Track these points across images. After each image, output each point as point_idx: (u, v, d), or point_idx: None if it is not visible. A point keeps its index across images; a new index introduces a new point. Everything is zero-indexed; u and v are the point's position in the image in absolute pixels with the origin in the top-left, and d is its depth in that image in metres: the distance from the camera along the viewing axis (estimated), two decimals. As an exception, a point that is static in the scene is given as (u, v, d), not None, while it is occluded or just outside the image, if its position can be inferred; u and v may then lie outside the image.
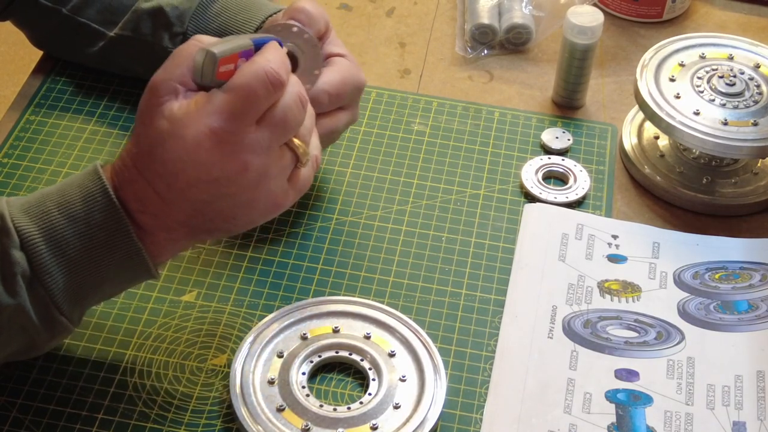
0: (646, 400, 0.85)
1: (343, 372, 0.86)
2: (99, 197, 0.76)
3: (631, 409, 0.84)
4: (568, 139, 1.04)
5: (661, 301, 0.92)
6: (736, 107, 0.99)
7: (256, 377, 0.83)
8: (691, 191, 1.00)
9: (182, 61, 0.77)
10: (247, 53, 0.77)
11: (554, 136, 1.05)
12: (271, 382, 0.83)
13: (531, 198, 1.00)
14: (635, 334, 0.89)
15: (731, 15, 1.22)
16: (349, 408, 0.82)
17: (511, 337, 0.88)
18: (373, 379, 0.84)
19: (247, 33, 0.96)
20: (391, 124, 1.06)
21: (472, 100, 1.10)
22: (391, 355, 0.85)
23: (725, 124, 0.97)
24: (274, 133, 0.77)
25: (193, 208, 0.77)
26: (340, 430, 0.81)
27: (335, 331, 0.87)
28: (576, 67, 1.06)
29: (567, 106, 1.09)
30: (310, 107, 0.81)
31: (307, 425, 0.81)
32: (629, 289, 0.92)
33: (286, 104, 0.77)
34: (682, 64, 1.02)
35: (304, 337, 0.86)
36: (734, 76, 1.00)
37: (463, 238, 0.96)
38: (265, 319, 0.87)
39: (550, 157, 1.03)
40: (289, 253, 0.94)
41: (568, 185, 1.01)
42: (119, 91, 1.07)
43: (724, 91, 0.99)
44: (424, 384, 0.83)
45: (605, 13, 1.13)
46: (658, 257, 0.95)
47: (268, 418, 0.81)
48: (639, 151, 1.04)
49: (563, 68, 1.07)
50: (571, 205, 0.99)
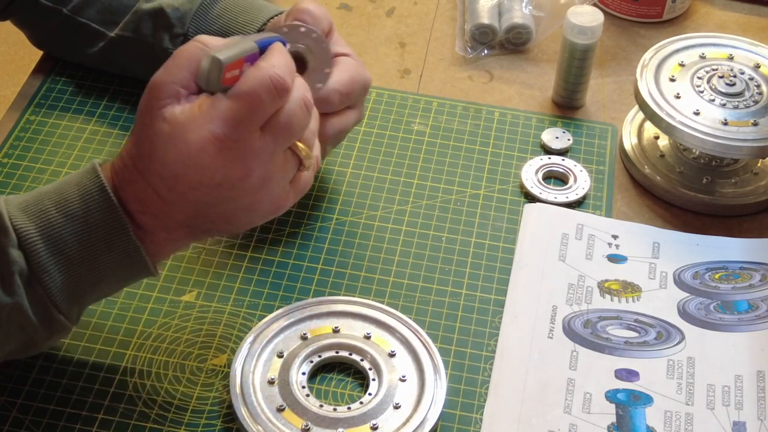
0: (646, 400, 0.85)
1: (343, 372, 0.86)
2: (97, 195, 0.76)
3: (631, 409, 0.84)
4: (568, 139, 1.04)
5: (661, 301, 0.92)
6: (736, 107, 0.99)
7: (256, 377, 0.83)
8: (691, 191, 1.00)
9: (184, 63, 0.76)
10: (252, 57, 0.76)
11: (554, 136, 1.05)
12: (271, 382, 0.83)
13: (531, 198, 1.00)
14: (635, 334, 0.89)
15: (731, 15, 1.22)
16: (349, 408, 0.82)
17: (511, 337, 0.88)
18: (373, 379, 0.84)
19: (248, 33, 0.96)
20: (391, 124, 1.06)
21: (472, 100, 1.09)
22: (391, 355, 0.85)
23: (725, 124, 0.97)
24: (279, 139, 0.77)
25: (194, 209, 0.77)
26: (340, 430, 0.81)
27: (335, 331, 0.87)
28: (576, 67, 1.06)
29: (567, 106, 1.09)
30: (314, 109, 0.81)
31: (307, 425, 0.81)
32: (629, 289, 0.92)
33: (290, 110, 0.76)
34: (682, 64, 1.02)
35: (304, 337, 0.86)
36: (734, 76, 1.00)
37: (463, 238, 0.96)
38: (265, 319, 0.87)
39: (550, 157, 1.03)
40: (289, 253, 0.94)
41: (568, 185, 1.01)
42: (119, 91, 1.07)
43: (724, 91, 0.99)
44: (424, 384, 0.83)
45: (605, 13, 1.13)
46: (658, 257, 0.95)
47: (268, 418, 0.81)
48: (639, 151, 1.04)
49: (563, 68, 1.07)
50: (571, 205, 0.99)
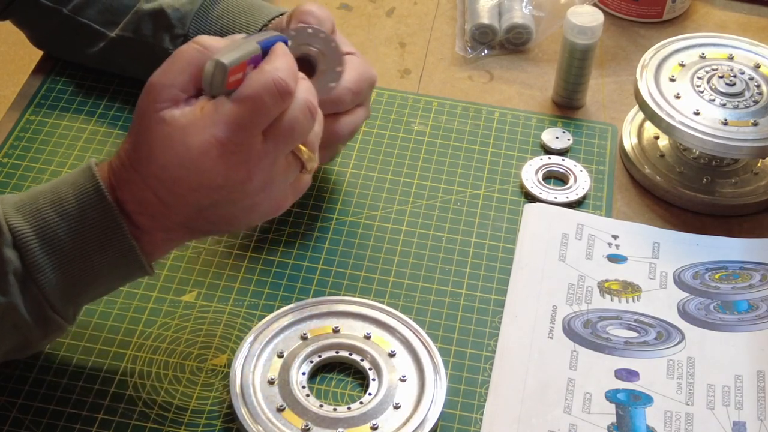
0: (646, 400, 0.85)
1: (343, 372, 0.86)
2: (92, 195, 0.76)
3: (631, 409, 0.84)
4: (568, 139, 1.04)
5: (661, 301, 0.92)
6: (736, 107, 0.99)
7: (256, 377, 0.83)
8: (691, 191, 1.00)
9: (183, 66, 0.75)
10: (254, 59, 0.76)
11: (554, 136, 1.05)
12: (271, 382, 0.83)
13: (531, 198, 1.00)
14: (635, 334, 0.89)
15: (731, 15, 1.22)
16: (349, 408, 0.82)
17: (511, 337, 0.88)
18: (373, 379, 0.84)
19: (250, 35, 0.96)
20: (391, 124, 1.06)
21: (472, 100, 1.09)
22: (391, 355, 0.85)
23: (725, 124, 0.97)
24: (280, 144, 0.76)
25: (194, 211, 0.77)
26: (340, 430, 0.81)
27: (335, 331, 0.87)
28: (576, 67, 1.06)
29: (567, 106, 1.09)
30: (320, 113, 0.80)
31: (307, 425, 0.81)
32: (629, 289, 0.92)
33: (293, 115, 0.76)
34: (682, 64, 1.02)
35: (304, 337, 0.86)
36: (734, 76, 1.00)
37: (463, 238, 0.96)
38: (265, 319, 0.87)
39: (550, 157, 1.03)
40: (289, 253, 0.94)
41: (568, 185, 1.01)
42: (119, 91, 1.07)
43: (724, 91, 0.99)
44: (424, 384, 0.83)
45: (605, 13, 1.13)
46: (658, 257, 0.95)
47: (268, 418, 0.81)
48: (639, 151, 1.04)
49: (563, 68, 1.07)
50: (571, 205, 0.99)
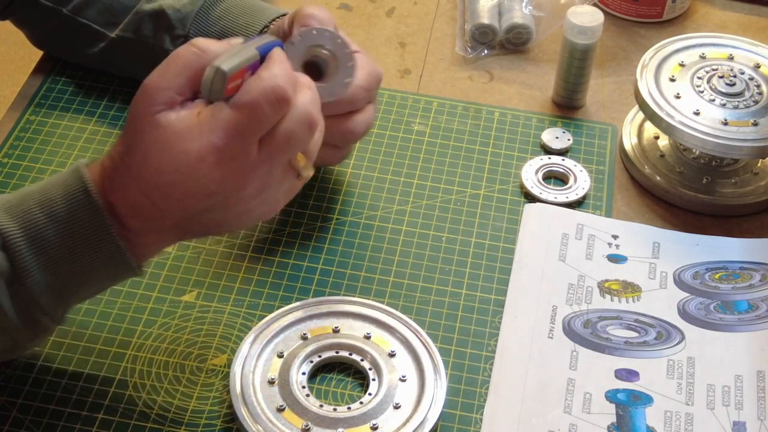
0: (646, 400, 0.85)
1: (343, 372, 0.86)
2: (81, 197, 0.75)
3: (631, 409, 0.84)
4: (568, 139, 1.04)
5: (661, 301, 0.92)
6: (736, 107, 0.99)
7: (256, 377, 0.83)
8: (691, 191, 1.00)
9: (180, 69, 0.75)
10: (253, 65, 0.76)
11: (554, 136, 1.05)
12: (271, 382, 0.83)
13: (531, 198, 1.00)
14: (635, 334, 0.89)
15: (731, 15, 1.22)
16: (349, 408, 0.82)
17: (511, 337, 0.88)
18: (373, 379, 0.84)
19: (249, 35, 0.96)
20: (391, 124, 1.06)
21: (472, 100, 1.09)
22: (391, 355, 0.85)
23: (725, 124, 0.97)
24: (277, 154, 0.76)
25: (187, 215, 0.76)
26: (340, 430, 0.81)
27: (335, 331, 0.87)
28: (576, 67, 1.06)
29: (567, 106, 1.09)
30: (321, 122, 0.79)
31: (307, 425, 0.81)
32: (629, 289, 0.92)
33: (291, 127, 0.75)
34: (682, 64, 1.02)
35: (304, 337, 0.86)
36: (734, 76, 1.00)
37: (463, 238, 0.96)
38: (265, 319, 0.87)
39: (550, 157, 1.03)
40: (289, 253, 0.94)
41: (568, 185, 1.01)
42: (119, 91, 1.07)
43: (724, 91, 0.99)
44: (424, 384, 0.83)
45: (605, 13, 1.13)
46: (658, 257, 0.95)
47: (268, 418, 0.81)
48: (639, 151, 1.04)
49: (563, 68, 1.07)
50: (571, 205, 0.99)
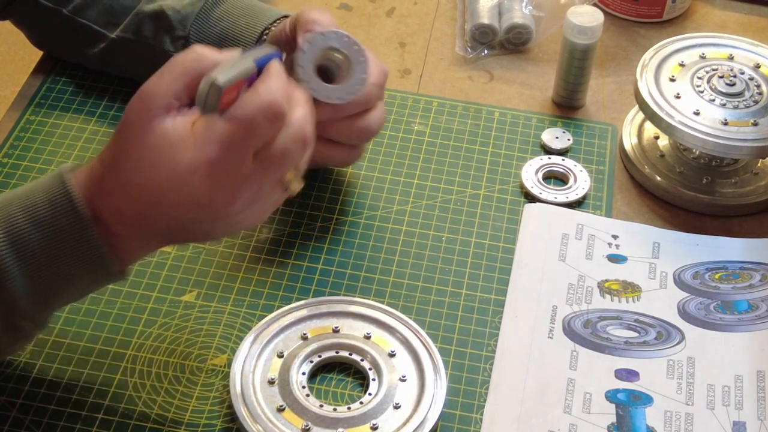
0: (646, 400, 0.85)
1: (343, 372, 0.86)
2: (65, 203, 0.74)
3: (631, 409, 0.84)
4: (568, 139, 1.04)
5: (661, 301, 0.92)
6: (736, 107, 0.99)
7: (256, 377, 0.83)
8: (691, 191, 1.00)
9: (178, 75, 0.74)
10: (250, 78, 0.76)
11: (554, 136, 1.05)
12: (271, 382, 0.83)
13: (531, 198, 1.00)
14: (635, 334, 0.89)
15: (731, 15, 1.22)
16: (349, 408, 0.82)
17: (511, 337, 0.88)
18: (373, 379, 0.84)
19: (250, 37, 0.95)
20: (391, 124, 1.06)
21: (472, 100, 1.09)
22: (391, 355, 0.85)
23: (725, 124, 0.97)
24: (269, 170, 0.76)
25: (174, 224, 0.76)
26: (340, 430, 0.81)
27: (335, 331, 0.87)
28: (576, 67, 1.06)
29: (567, 106, 1.09)
30: (313, 139, 0.79)
31: (307, 425, 0.81)
32: (629, 289, 0.92)
33: (285, 144, 0.75)
34: (682, 64, 1.02)
35: (304, 337, 0.86)
36: (734, 76, 1.00)
37: (463, 238, 0.96)
38: (265, 319, 0.87)
39: (550, 157, 1.03)
40: (289, 253, 0.94)
41: (568, 185, 1.01)
42: (119, 91, 1.07)
43: (724, 91, 0.99)
44: (424, 384, 0.83)
45: (605, 13, 1.13)
46: (658, 257, 0.95)
47: (268, 418, 0.81)
48: (639, 151, 1.04)
49: (563, 68, 1.07)
50: (571, 205, 0.99)
